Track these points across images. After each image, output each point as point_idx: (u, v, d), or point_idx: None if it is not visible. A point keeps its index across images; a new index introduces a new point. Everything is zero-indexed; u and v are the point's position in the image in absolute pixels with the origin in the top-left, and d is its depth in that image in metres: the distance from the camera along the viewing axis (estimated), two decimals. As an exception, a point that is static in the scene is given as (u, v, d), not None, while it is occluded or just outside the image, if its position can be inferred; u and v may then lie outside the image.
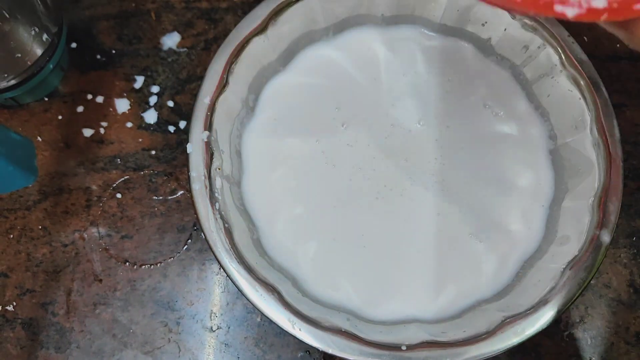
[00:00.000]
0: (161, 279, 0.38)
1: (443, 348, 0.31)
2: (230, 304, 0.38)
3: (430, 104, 0.39)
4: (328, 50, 0.40)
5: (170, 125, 0.41)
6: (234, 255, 0.32)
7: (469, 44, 0.40)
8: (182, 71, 0.42)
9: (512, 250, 0.36)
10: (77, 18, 0.43)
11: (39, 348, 0.37)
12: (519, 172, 0.38)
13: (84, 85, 0.42)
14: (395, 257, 0.36)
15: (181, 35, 0.43)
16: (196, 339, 0.38)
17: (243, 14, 0.43)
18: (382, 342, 0.32)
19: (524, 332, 0.32)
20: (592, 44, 0.44)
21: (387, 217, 0.37)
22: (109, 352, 0.37)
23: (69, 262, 0.39)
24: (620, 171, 0.34)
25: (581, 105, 0.35)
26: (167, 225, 0.39)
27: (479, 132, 0.38)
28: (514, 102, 0.39)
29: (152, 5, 0.44)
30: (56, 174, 0.40)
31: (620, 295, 0.39)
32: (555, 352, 0.38)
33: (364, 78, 0.39)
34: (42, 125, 0.41)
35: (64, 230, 0.39)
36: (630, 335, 0.38)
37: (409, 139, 0.38)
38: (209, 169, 0.34)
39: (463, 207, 0.37)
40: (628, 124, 0.42)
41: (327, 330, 0.31)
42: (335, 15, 0.38)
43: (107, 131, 0.41)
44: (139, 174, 0.40)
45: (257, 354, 0.38)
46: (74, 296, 0.38)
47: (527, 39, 0.37)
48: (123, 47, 0.43)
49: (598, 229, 0.33)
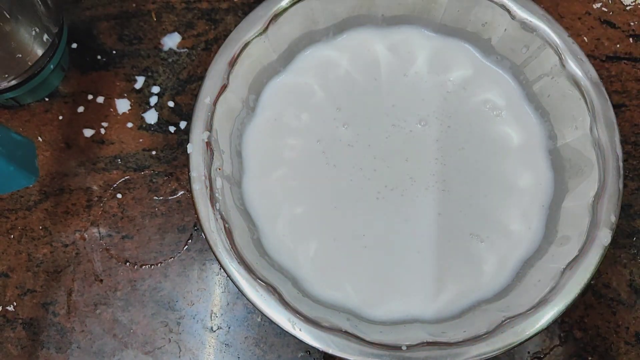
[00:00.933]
0: (162, 279, 0.39)
1: (443, 348, 0.31)
2: (230, 304, 0.38)
3: (430, 105, 0.39)
4: (328, 51, 0.40)
5: (170, 126, 0.41)
6: (234, 256, 0.32)
7: (469, 44, 0.40)
8: (183, 71, 0.42)
9: (513, 251, 0.36)
10: (77, 18, 0.43)
11: (40, 348, 0.38)
12: (519, 173, 0.38)
13: (85, 85, 0.42)
14: (395, 257, 0.36)
15: (182, 36, 0.43)
16: (196, 339, 0.38)
17: (243, 14, 0.43)
18: (382, 342, 0.32)
19: (524, 333, 0.32)
20: (592, 44, 0.44)
21: (387, 217, 0.37)
22: (109, 352, 0.37)
23: (69, 262, 0.39)
24: (620, 171, 0.34)
25: (581, 106, 0.35)
26: (167, 226, 0.39)
27: (479, 133, 0.38)
28: (514, 102, 0.39)
29: (152, 5, 0.44)
30: (57, 174, 0.40)
31: (620, 295, 0.39)
32: (555, 352, 0.38)
33: (365, 78, 0.39)
34: (42, 125, 0.41)
35: (64, 231, 0.39)
36: (630, 335, 0.38)
37: (410, 139, 0.38)
38: (210, 169, 0.34)
39: (463, 207, 0.37)
40: (628, 124, 0.42)
41: (327, 331, 0.31)
42: (335, 15, 0.38)
43: (107, 131, 0.41)
44: (140, 174, 0.40)
45: (258, 354, 0.38)
46: (74, 296, 0.38)
47: (528, 39, 0.37)
48: (124, 47, 0.43)
49: (598, 229, 0.33)
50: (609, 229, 0.33)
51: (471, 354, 0.31)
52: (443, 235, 0.36)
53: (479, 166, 0.38)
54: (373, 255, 0.36)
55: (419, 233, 0.36)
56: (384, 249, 0.36)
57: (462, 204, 0.37)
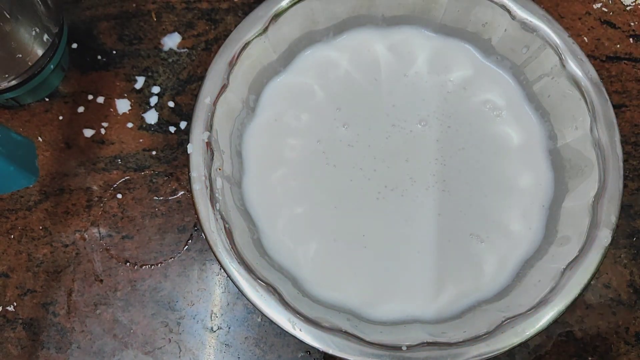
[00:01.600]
0: (162, 279, 0.39)
1: (443, 348, 0.31)
2: (230, 304, 0.38)
3: (430, 105, 0.39)
4: (328, 51, 0.40)
5: (170, 126, 0.41)
6: (235, 256, 0.32)
7: (470, 45, 0.40)
8: (183, 72, 0.42)
9: (513, 251, 0.36)
10: (77, 18, 0.43)
11: (40, 348, 0.38)
12: (520, 173, 0.38)
13: (85, 85, 0.42)
14: (395, 258, 0.36)
15: (182, 36, 0.43)
16: (197, 339, 0.38)
17: (243, 14, 0.43)
18: (382, 342, 0.32)
19: (524, 333, 0.32)
20: (592, 44, 0.44)
21: (387, 217, 0.37)
22: (109, 352, 0.37)
23: (69, 263, 0.39)
24: (620, 171, 0.34)
25: (581, 106, 0.35)
26: (167, 226, 0.39)
27: (479, 133, 0.38)
28: (514, 102, 0.39)
29: (152, 5, 0.44)
30: (57, 174, 0.40)
31: (620, 295, 0.39)
32: (556, 352, 0.38)
33: (365, 78, 0.39)
34: (42, 125, 0.41)
35: (64, 231, 0.39)
36: (630, 335, 0.38)
37: (410, 140, 0.38)
38: (210, 170, 0.34)
39: (464, 207, 0.37)
40: (628, 124, 0.42)
41: (328, 331, 0.31)
42: (335, 15, 0.38)
43: (107, 131, 0.41)
44: (140, 174, 0.40)
45: (258, 354, 0.38)
46: (74, 296, 0.38)
47: (528, 39, 0.37)
48: (124, 47, 0.43)
49: (598, 229, 0.33)
50: (609, 229, 0.33)
51: (471, 354, 0.31)
52: (443, 235, 0.36)
53: (479, 166, 0.38)
54: (373, 255, 0.36)
55: (419, 233, 0.36)
56: (384, 249, 0.36)
57: (462, 204, 0.37)
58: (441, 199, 0.37)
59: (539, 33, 0.36)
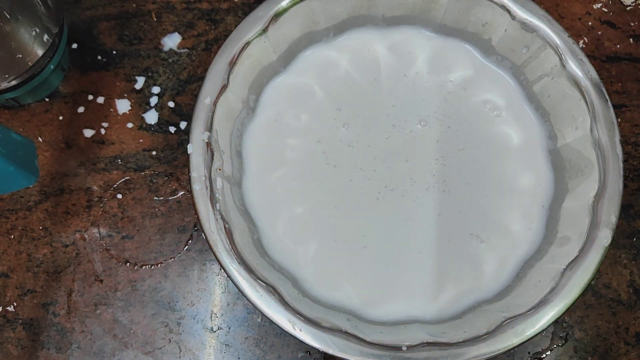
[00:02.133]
0: (162, 280, 0.39)
1: (443, 348, 0.31)
2: (230, 304, 0.38)
3: (430, 105, 0.39)
4: (328, 51, 0.40)
5: (170, 126, 0.41)
6: (235, 256, 0.32)
7: (470, 45, 0.40)
8: (183, 72, 0.42)
9: (513, 251, 0.36)
10: (78, 19, 0.43)
11: (40, 348, 0.38)
12: (520, 173, 0.38)
13: (85, 85, 0.42)
14: (395, 258, 0.36)
15: (182, 36, 0.43)
16: (197, 339, 0.38)
17: (243, 14, 0.43)
18: (382, 342, 0.32)
19: (524, 333, 0.32)
20: (592, 44, 0.44)
21: (387, 217, 0.37)
22: (109, 352, 0.37)
23: (69, 263, 0.39)
24: (620, 172, 0.34)
25: (581, 106, 0.35)
26: (167, 226, 0.39)
27: (479, 133, 0.38)
28: (514, 102, 0.39)
29: (152, 6, 0.44)
30: (57, 174, 0.40)
31: (620, 295, 0.39)
32: (555, 352, 0.38)
33: (365, 79, 0.39)
34: (43, 125, 0.41)
35: (64, 231, 0.39)
36: (630, 336, 0.38)
37: (410, 140, 0.38)
38: (210, 170, 0.34)
39: (464, 207, 0.37)
40: (628, 125, 0.42)
41: (328, 331, 0.31)
42: (335, 16, 0.38)
43: (107, 132, 0.41)
44: (140, 174, 0.40)
45: (258, 355, 0.38)
46: (74, 296, 0.38)
47: (528, 39, 0.37)
48: (124, 47, 0.43)
49: (598, 229, 0.33)
50: (609, 230, 0.33)
51: (471, 355, 0.31)
52: (443, 235, 0.36)
53: (479, 166, 0.38)
54: (373, 255, 0.36)
55: (419, 233, 0.36)
56: (384, 249, 0.36)
57: (462, 204, 0.37)
58: (441, 199, 0.37)
59: (539, 33, 0.36)
